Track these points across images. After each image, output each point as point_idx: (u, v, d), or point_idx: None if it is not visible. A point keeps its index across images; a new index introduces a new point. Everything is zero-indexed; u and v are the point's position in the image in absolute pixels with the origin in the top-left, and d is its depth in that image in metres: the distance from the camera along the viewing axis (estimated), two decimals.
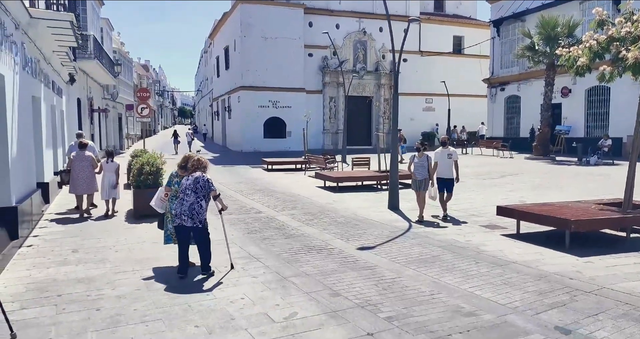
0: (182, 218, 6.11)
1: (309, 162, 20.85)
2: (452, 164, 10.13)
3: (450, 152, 10.19)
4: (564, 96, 25.91)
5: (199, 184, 6.18)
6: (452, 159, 10.12)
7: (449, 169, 10.13)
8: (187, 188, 6.18)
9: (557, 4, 25.45)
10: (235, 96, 35.97)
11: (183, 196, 6.17)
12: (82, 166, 10.53)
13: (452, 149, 10.35)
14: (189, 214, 6.10)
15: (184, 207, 6.12)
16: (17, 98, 8.48)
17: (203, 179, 6.21)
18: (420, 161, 10.19)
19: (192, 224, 6.13)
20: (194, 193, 6.15)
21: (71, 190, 10.84)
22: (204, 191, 6.19)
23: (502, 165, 20.78)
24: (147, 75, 65.05)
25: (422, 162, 10.17)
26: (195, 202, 6.14)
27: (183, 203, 6.13)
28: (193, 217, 6.12)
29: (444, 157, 10.17)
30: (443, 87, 33.55)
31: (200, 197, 6.18)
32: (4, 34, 7.45)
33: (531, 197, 12.15)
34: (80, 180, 10.50)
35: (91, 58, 20.67)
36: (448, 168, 10.13)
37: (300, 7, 34.28)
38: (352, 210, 11.39)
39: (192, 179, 6.22)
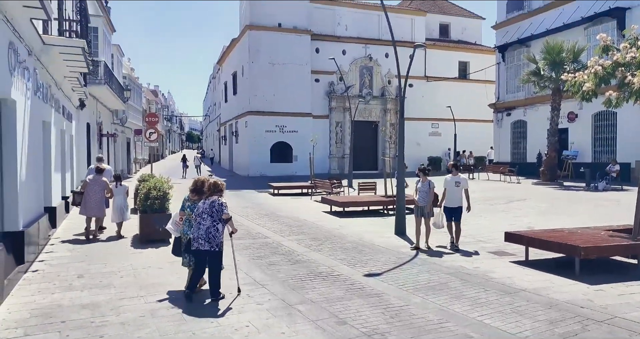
0: (199, 242, 6.18)
1: (315, 186, 20.84)
2: (461, 191, 9.71)
3: (459, 180, 9.77)
4: (570, 121, 25.92)
5: (215, 208, 6.25)
6: (460, 186, 9.71)
7: (457, 197, 9.71)
8: (203, 212, 6.25)
9: (561, 29, 25.72)
10: (242, 121, 36.27)
11: (200, 220, 6.23)
12: (96, 190, 10.92)
13: (462, 176, 9.95)
14: (206, 238, 6.17)
15: (201, 231, 6.19)
16: (28, 123, 8.59)
17: (218, 203, 6.29)
18: (422, 186, 9.84)
19: (209, 247, 6.19)
20: (210, 217, 6.22)
21: (81, 211, 11.13)
22: (219, 214, 6.24)
23: (510, 190, 20.67)
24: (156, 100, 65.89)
25: (424, 188, 9.81)
26: (212, 226, 6.20)
27: (200, 227, 6.20)
28: (210, 241, 6.18)
29: (452, 184, 9.76)
30: (449, 112, 33.72)
31: (217, 221, 6.24)
32: (17, 60, 7.60)
33: (539, 223, 12.03)
34: (92, 203, 10.86)
35: (101, 83, 21.02)
36: (456, 196, 9.71)
37: (307, 34, 34.83)
38: (358, 235, 11.32)
39: (209, 203, 6.29)
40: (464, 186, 9.74)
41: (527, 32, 28.82)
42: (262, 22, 33.70)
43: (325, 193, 19.30)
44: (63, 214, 13.51)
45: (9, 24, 7.08)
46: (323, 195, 18.46)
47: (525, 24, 29.29)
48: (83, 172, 20.02)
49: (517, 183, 23.91)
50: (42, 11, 7.28)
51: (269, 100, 33.87)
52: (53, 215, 11.48)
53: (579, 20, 24.90)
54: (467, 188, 9.80)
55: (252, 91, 33.75)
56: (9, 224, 7.50)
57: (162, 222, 10.06)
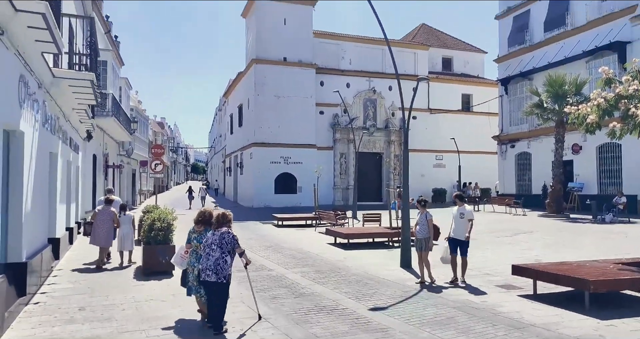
0: (207, 273, 6.14)
1: (319, 218, 20.75)
2: (467, 223, 9.34)
3: (463, 211, 9.42)
4: (575, 153, 25.92)
5: (225, 240, 6.24)
6: (465, 217, 9.36)
7: (462, 229, 9.35)
8: (212, 243, 6.23)
9: (563, 63, 26.04)
10: (247, 152, 36.49)
11: (209, 251, 6.21)
12: (104, 220, 11.34)
13: (467, 208, 9.58)
14: (214, 270, 6.13)
15: (209, 262, 6.15)
16: (35, 154, 8.66)
17: (229, 236, 6.28)
18: (420, 218, 9.59)
19: (216, 279, 6.14)
20: (220, 249, 6.20)
21: (91, 241, 11.53)
22: (229, 247, 6.24)
23: (516, 222, 20.50)
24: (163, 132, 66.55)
25: (421, 220, 9.56)
26: (221, 258, 6.17)
27: (209, 258, 6.17)
28: (218, 273, 6.13)
29: (456, 215, 9.47)
30: (453, 144, 33.83)
31: (226, 253, 6.22)
32: (27, 93, 7.73)
33: (547, 256, 11.88)
34: (100, 233, 11.27)
35: (109, 115, 21.27)
36: (461, 228, 9.36)
37: (312, 67, 35.42)
38: (363, 268, 11.18)
39: (218, 235, 6.28)
40: (468, 217, 9.41)
41: (529, 65, 29.20)
42: (268, 56, 34.36)
43: (329, 224, 19.20)
44: (67, 246, 13.45)
45: (21, 58, 7.24)
46: (327, 226, 18.36)
47: (527, 58, 29.71)
48: (88, 203, 20.09)
49: (522, 215, 23.73)
50: (53, 45, 7.45)
51: (274, 132, 34.18)
52: (57, 246, 11.43)
53: (580, 53, 25.24)
54: (472, 219, 9.47)
55: (258, 122, 34.09)
56: (12, 256, 7.47)
57: (166, 254, 10.03)
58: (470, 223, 9.38)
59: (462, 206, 9.55)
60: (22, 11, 6.07)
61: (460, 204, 9.60)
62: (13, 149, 7.61)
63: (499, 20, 32.90)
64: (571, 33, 26.48)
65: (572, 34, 26.39)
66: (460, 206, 9.59)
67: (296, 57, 35.03)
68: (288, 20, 34.90)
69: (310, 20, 35.72)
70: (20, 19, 6.21)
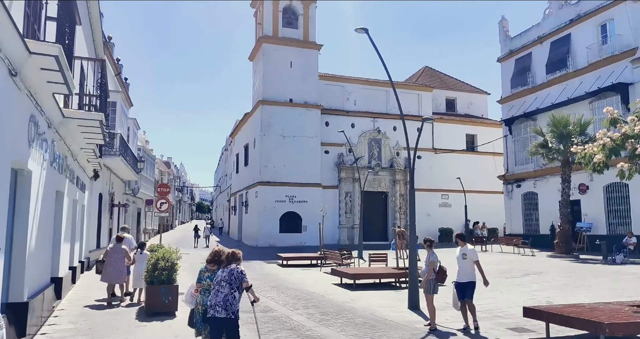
0: (215, 309, 6.09)
1: (325, 257, 20.48)
2: (470, 264, 8.86)
3: (466, 251, 8.93)
4: (582, 193, 25.76)
5: (233, 276, 6.23)
6: (467, 258, 8.86)
7: (466, 270, 8.85)
8: (222, 280, 6.23)
9: (566, 103, 26.30)
10: (253, 191, 36.53)
11: (218, 288, 6.19)
12: (116, 258, 11.58)
13: (469, 247, 9.04)
14: (223, 306, 6.09)
15: (219, 299, 6.13)
16: (42, 193, 8.69)
17: (237, 271, 6.28)
18: (425, 258, 9.18)
19: (225, 315, 6.08)
20: (229, 285, 6.18)
21: (102, 278, 11.72)
22: (238, 282, 6.22)
23: (524, 263, 20.14)
24: (169, 171, 66.94)
25: (426, 261, 9.18)
26: (230, 294, 6.15)
27: (218, 295, 6.16)
28: (227, 309, 6.09)
29: (459, 257, 8.98)
30: (458, 184, 33.79)
31: (234, 289, 6.19)
32: (36, 132, 7.83)
33: (558, 298, 11.59)
34: (112, 270, 11.50)
35: (116, 155, 21.45)
36: (465, 270, 8.86)
37: (317, 108, 35.93)
38: (370, 309, 10.91)
39: (228, 271, 6.28)
40: (471, 258, 8.89)
41: (533, 106, 29.50)
42: (274, 98, 34.96)
43: (335, 264, 18.92)
44: (69, 285, 13.28)
45: (32, 98, 7.37)
46: (333, 266, 18.10)
47: (530, 99, 30.05)
48: (92, 242, 19.99)
49: (531, 256, 23.36)
50: (64, 86, 7.60)
51: (279, 171, 34.33)
52: (59, 285, 11.28)
53: (583, 94, 25.52)
54: (476, 260, 8.91)
55: (263, 162, 34.30)
56: (14, 295, 7.36)
57: (169, 294, 9.88)
58: (475, 264, 8.88)
59: (464, 247, 9.04)
60: (36, 54, 6.23)
61: (462, 245, 9.07)
62: (20, 187, 7.64)
63: (501, 63, 33.51)
64: (573, 75, 26.89)
65: (574, 76, 26.79)
66: (462, 246, 9.07)
67: (302, 98, 35.62)
68: (294, 63, 35.71)
69: (316, 63, 36.55)
70: (33, 61, 6.37)
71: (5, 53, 5.76)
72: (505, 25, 33.43)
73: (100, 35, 15.60)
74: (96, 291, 13.31)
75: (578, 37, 27.00)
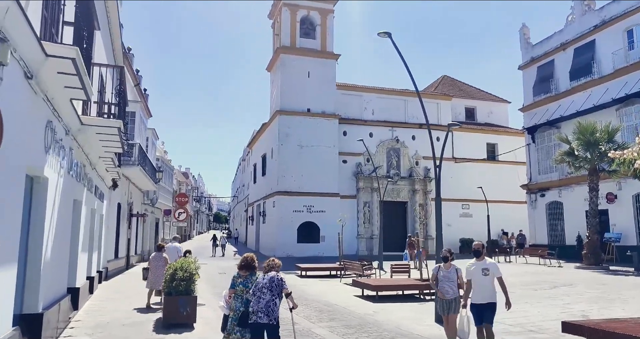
0: (258, 315, 6.26)
1: (344, 268, 20.05)
2: (492, 282, 7.46)
3: (487, 265, 7.51)
4: (609, 202, 24.92)
5: (274, 283, 6.43)
6: (489, 275, 7.44)
7: (487, 289, 7.40)
8: (263, 287, 6.42)
9: (592, 111, 25.57)
10: (270, 201, 36.30)
11: (260, 294, 6.37)
12: (158, 265, 12.39)
13: (490, 261, 7.69)
14: (265, 312, 6.27)
15: (261, 305, 6.29)
16: (59, 201, 8.50)
17: (277, 278, 6.49)
18: (448, 274, 7.93)
19: (267, 321, 6.26)
20: (270, 291, 6.37)
21: (147, 284, 12.60)
22: (278, 289, 6.42)
23: (552, 275, 19.44)
24: (187, 182, 67.18)
25: (450, 276, 7.90)
26: (271, 300, 6.34)
27: (259, 301, 6.33)
28: (269, 315, 6.27)
29: (477, 273, 7.47)
30: (479, 193, 33.13)
31: (275, 295, 6.39)
32: (53, 138, 7.66)
33: (594, 311, 11.01)
34: (155, 277, 12.26)
35: (135, 165, 21.41)
36: (485, 288, 7.39)
37: (335, 118, 35.68)
38: (395, 323, 10.46)
39: (268, 279, 6.49)
40: (494, 274, 7.47)
41: (556, 113, 28.82)
42: (292, 108, 34.83)
43: (355, 275, 18.48)
44: (86, 295, 13.10)
45: (49, 103, 7.20)
46: (353, 277, 17.66)
47: (553, 106, 29.38)
48: (110, 252, 19.87)
49: (558, 267, 22.60)
50: (82, 92, 7.41)
51: (297, 181, 34.07)
52: (76, 296, 11.08)
53: (609, 101, 24.79)
54: (500, 276, 7.50)
55: (281, 172, 34.08)
56: (29, 306, 7.13)
57: (187, 305, 9.58)
58: (500, 282, 7.49)
59: (482, 261, 7.61)
60: (53, 56, 6.04)
61: (481, 258, 7.65)
62: (36, 195, 7.45)
63: (522, 71, 32.91)
64: (598, 81, 26.20)
65: (600, 82, 26.09)
66: (480, 260, 7.64)
67: (319, 108, 35.42)
68: (312, 73, 35.59)
69: (333, 73, 36.37)
70: (50, 64, 6.18)
71: (21, 54, 5.58)
72: (526, 32, 32.89)
73: (120, 44, 15.58)
74: (114, 301, 13.10)
75: (603, 43, 26.35)
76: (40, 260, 7.37)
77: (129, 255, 25.05)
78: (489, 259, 7.73)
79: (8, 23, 4.83)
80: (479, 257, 7.64)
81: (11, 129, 5.31)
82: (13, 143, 5.53)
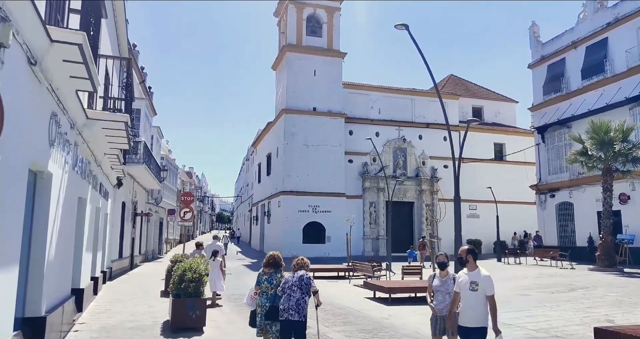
0: (289, 312, 6.45)
1: (353, 269, 19.63)
2: (482, 301, 5.62)
3: (477, 278, 5.65)
4: (622, 203, 24.41)
5: (303, 282, 6.65)
6: (478, 291, 5.60)
7: (475, 310, 5.64)
8: (293, 285, 6.63)
9: (604, 109, 25.04)
10: (275, 201, 35.91)
11: (290, 292, 6.58)
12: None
13: (483, 274, 5.69)
14: (296, 309, 6.47)
15: (292, 303, 6.48)
16: (63, 198, 8.12)
17: (306, 277, 6.73)
18: (442, 283, 6.52)
19: (298, 318, 6.47)
20: (299, 289, 6.58)
21: None
22: (307, 287, 6.63)
23: (566, 277, 18.96)
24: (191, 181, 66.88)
25: (445, 287, 6.47)
26: (301, 298, 6.55)
27: (290, 299, 6.52)
28: (299, 312, 6.48)
29: (465, 287, 5.75)
30: (486, 194, 32.64)
31: (305, 293, 6.61)
32: (58, 132, 7.27)
33: (619, 316, 10.56)
34: None
35: (140, 163, 21.05)
36: (472, 308, 5.66)
37: (341, 117, 35.28)
38: (412, 327, 10.05)
39: (297, 277, 6.71)
40: (486, 291, 5.60)
41: (567, 113, 28.33)
42: (298, 106, 34.45)
43: (364, 277, 18.06)
44: (91, 296, 12.71)
45: (54, 94, 6.81)
46: (362, 279, 17.25)
47: (564, 105, 28.88)
48: (115, 251, 19.51)
49: (570, 269, 22.13)
50: (88, 82, 7.04)
51: (302, 180, 33.67)
52: (80, 297, 10.70)
53: (622, 100, 24.29)
54: (491, 295, 5.61)
55: (286, 171, 33.70)
56: (31, 309, 6.75)
57: (196, 308, 9.18)
58: (490, 302, 5.61)
59: (474, 271, 5.77)
60: (58, 42, 5.66)
61: (472, 267, 5.81)
62: (40, 191, 7.07)
63: (532, 69, 32.39)
64: (611, 80, 25.69)
65: (613, 81, 25.57)
66: (471, 269, 5.80)
67: (326, 107, 35.03)
68: (318, 71, 35.21)
69: (340, 71, 35.99)
70: (55, 51, 5.79)
71: (24, 38, 5.18)
72: (536, 30, 32.39)
73: (125, 36, 15.20)
74: (119, 303, 12.72)
75: (616, 40, 25.84)
76: (44, 260, 6.99)
77: (133, 255, 24.70)
78: (483, 270, 5.77)
79: (10, 2, 4.44)
80: (469, 266, 5.84)
81: (13, 118, 4.92)
82: (16, 133, 5.15)
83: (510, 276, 19.67)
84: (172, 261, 13.25)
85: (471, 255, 5.85)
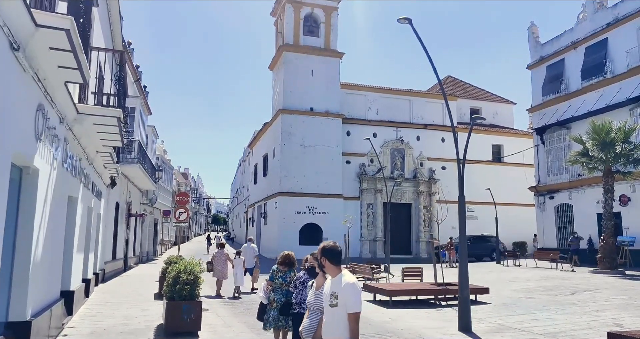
0: (302, 306, 6.63)
1: (352, 271, 19.24)
2: (341, 317, 3.76)
3: (338, 289, 3.84)
4: (623, 205, 24.16)
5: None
6: (338, 307, 3.78)
7: (332, 328, 3.85)
8: (305, 281, 6.79)
9: (605, 110, 24.83)
10: (272, 202, 35.52)
11: (302, 288, 6.78)
12: (220, 260, 15.53)
13: (346, 282, 3.83)
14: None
15: (303, 298, 6.55)
16: (51, 196, 7.72)
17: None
18: (316, 298, 4.64)
19: None
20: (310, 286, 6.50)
21: (214, 275, 15.51)
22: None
23: (569, 279, 18.66)
24: (186, 182, 66.31)
25: (318, 303, 4.53)
26: None
27: (302, 294, 6.69)
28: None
29: (325, 299, 4.01)
30: (484, 195, 32.38)
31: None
32: (45, 125, 6.88)
33: (627, 320, 10.24)
34: (219, 269, 15.43)
35: (134, 163, 20.62)
36: (330, 326, 3.88)
37: (338, 118, 34.96)
38: (416, 331, 9.67)
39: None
40: (347, 306, 3.74)
41: (567, 114, 28.11)
42: (295, 107, 34.11)
43: (363, 279, 17.69)
44: (82, 299, 12.29)
45: (40, 84, 6.42)
46: (362, 281, 16.86)
47: (564, 106, 28.66)
48: (108, 253, 19.06)
49: (571, 271, 21.85)
50: (78, 73, 6.62)
51: (299, 181, 33.30)
52: (70, 300, 10.28)
53: (623, 101, 24.09)
54: (355, 312, 3.73)
55: (283, 172, 33.33)
56: (15, 313, 6.34)
57: (191, 311, 8.79)
58: (351, 320, 3.74)
59: (337, 276, 3.98)
60: (44, 27, 5.27)
61: (334, 272, 4.03)
62: (25, 188, 6.67)
63: (531, 70, 32.17)
64: (611, 81, 25.48)
65: (613, 82, 25.37)
66: (333, 275, 4.02)
67: (323, 107, 34.70)
68: (315, 71, 34.89)
69: (337, 72, 35.68)
70: (40, 37, 5.41)
71: (5, 21, 4.81)
72: (535, 31, 32.18)
73: (120, 33, 14.80)
74: (111, 305, 12.31)
75: (616, 41, 25.64)
76: (29, 261, 6.59)
77: (127, 256, 24.23)
78: (347, 277, 3.90)
79: None
80: (328, 272, 4.06)
81: None
82: None
83: (512, 278, 19.36)
84: (167, 263, 12.83)
85: (326, 257, 4.02)
